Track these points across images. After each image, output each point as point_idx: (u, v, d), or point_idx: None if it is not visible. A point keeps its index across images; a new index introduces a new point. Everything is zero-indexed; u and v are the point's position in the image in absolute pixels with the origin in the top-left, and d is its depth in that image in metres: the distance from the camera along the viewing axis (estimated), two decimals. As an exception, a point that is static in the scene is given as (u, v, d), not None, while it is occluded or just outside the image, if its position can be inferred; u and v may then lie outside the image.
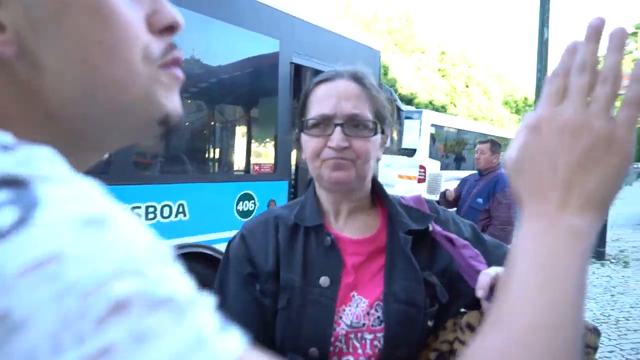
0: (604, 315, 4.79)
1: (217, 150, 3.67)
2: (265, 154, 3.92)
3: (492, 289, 0.72)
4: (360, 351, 0.83)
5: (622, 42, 0.37)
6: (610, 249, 7.94)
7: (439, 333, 0.85)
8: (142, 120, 0.38)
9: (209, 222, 3.14)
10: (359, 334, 0.84)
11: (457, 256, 0.78)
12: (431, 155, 9.23)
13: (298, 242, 0.90)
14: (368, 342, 0.84)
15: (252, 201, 3.42)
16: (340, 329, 0.83)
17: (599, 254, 7.29)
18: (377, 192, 0.98)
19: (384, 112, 0.92)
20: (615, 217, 11.34)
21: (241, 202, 3.33)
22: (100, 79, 0.35)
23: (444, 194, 4.30)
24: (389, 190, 0.97)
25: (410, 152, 8.94)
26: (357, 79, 0.90)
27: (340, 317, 0.84)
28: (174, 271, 0.27)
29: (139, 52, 0.36)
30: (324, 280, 0.86)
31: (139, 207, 2.74)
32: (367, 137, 0.87)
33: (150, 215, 2.80)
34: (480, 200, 3.82)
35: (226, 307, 0.90)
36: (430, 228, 0.90)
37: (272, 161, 3.66)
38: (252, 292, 0.89)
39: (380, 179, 1.08)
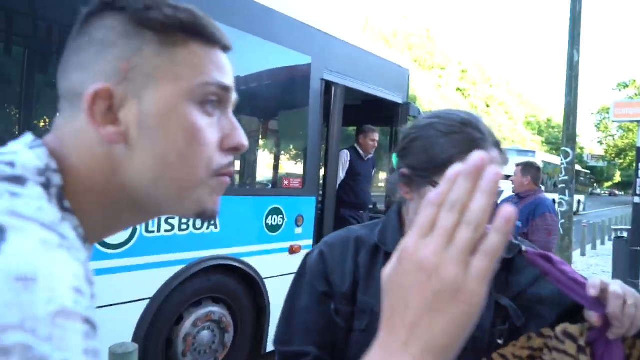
0: None
1: (248, 165, 3.70)
2: (294, 169, 3.94)
3: (597, 300, 0.72)
4: None
5: (493, 186, 0.36)
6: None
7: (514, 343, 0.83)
8: (184, 209, 0.51)
9: (239, 236, 3.16)
10: None
11: (557, 273, 0.77)
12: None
13: (378, 265, 0.91)
14: None
15: (281, 216, 3.43)
16: None
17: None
18: None
19: None
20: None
21: (270, 217, 3.35)
22: (168, 173, 0.48)
23: None
24: None
25: None
26: (499, 147, 0.88)
27: None
28: (69, 335, 0.32)
29: (204, 163, 0.49)
30: None
31: (173, 218, 2.77)
32: None
33: (184, 227, 2.83)
34: (518, 223, 3.69)
35: (295, 318, 0.93)
36: (524, 248, 0.88)
37: (301, 177, 3.67)
38: (325, 309, 0.91)
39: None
